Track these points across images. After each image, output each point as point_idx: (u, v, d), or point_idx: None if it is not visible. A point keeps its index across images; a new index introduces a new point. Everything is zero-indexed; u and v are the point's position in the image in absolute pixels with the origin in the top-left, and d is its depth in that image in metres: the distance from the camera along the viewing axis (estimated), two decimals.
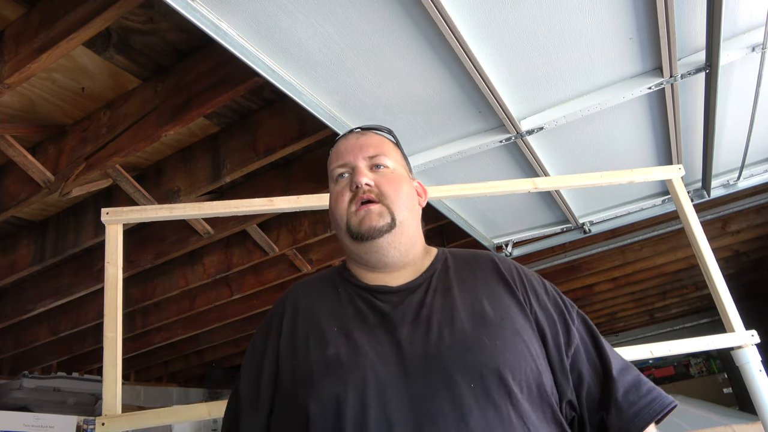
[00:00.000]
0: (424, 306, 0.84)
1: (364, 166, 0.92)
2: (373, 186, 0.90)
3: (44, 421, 3.45)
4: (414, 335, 0.80)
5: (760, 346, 1.54)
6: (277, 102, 2.06)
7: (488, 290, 0.88)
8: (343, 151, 0.96)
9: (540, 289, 0.91)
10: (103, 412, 1.29)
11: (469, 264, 0.94)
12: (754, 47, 1.62)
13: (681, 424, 3.50)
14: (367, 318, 0.85)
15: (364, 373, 0.77)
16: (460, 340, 0.78)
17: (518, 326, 0.82)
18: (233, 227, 2.61)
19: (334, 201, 0.93)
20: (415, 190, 0.98)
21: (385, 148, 0.96)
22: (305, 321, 0.88)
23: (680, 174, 1.81)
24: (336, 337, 0.82)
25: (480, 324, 0.81)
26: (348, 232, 0.89)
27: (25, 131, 2.01)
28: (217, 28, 1.26)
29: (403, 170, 0.98)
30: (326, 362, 0.80)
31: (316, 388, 0.78)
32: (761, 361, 1.51)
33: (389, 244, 0.88)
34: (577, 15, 1.42)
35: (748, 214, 3.79)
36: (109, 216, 1.49)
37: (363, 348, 0.80)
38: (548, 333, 0.84)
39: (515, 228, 2.85)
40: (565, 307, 0.90)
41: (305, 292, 0.95)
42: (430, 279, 0.90)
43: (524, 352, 0.79)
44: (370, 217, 0.87)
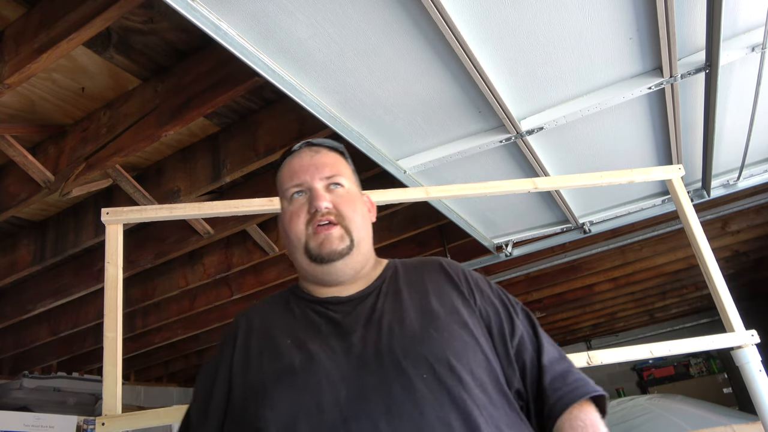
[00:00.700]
0: (376, 310, 0.88)
1: (321, 187, 0.93)
2: (332, 208, 0.91)
3: (44, 421, 3.45)
4: (366, 337, 0.83)
5: (760, 346, 1.54)
6: (277, 102, 2.06)
7: (436, 289, 0.92)
8: (297, 169, 0.96)
9: (485, 287, 0.96)
10: (103, 412, 1.30)
11: (417, 269, 0.98)
12: (754, 47, 1.62)
13: (681, 424, 3.50)
14: (320, 328, 0.87)
15: (318, 379, 0.79)
16: (410, 335, 0.82)
17: (465, 320, 0.87)
18: (233, 227, 2.62)
19: (289, 221, 0.93)
20: (366, 206, 1.00)
21: (340, 167, 0.97)
22: (259, 338, 0.90)
23: (680, 174, 1.81)
24: (289, 349, 0.84)
25: (428, 319, 0.85)
26: (306, 254, 0.91)
27: (25, 131, 2.01)
28: (217, 28, 1.26)
29: (356, 188, 1.00)
30: (280, 372, 0.81)
31: (269, 397, 0.79)
32: (761, 361, 1.51)
33: (346, 265, 0.90)
34: (577, 15, 1.42)
35: (748, 214, 3.79)
36: (109, 216, 1.49)
37: (317, 356, 0.82)
38: (494, 325, 0.89)
39: (515, 228, 2.85)
40: (509, 303, 0.95)
41: (258, 313, 0.96)
42: (381, 286, 0.93)
43: (472, 343, 0.83)
44: (330, 241, 0.89)
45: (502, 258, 3.02)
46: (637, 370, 7.99)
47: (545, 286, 4.52)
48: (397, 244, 3.26)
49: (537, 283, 4.42)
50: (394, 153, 1.96)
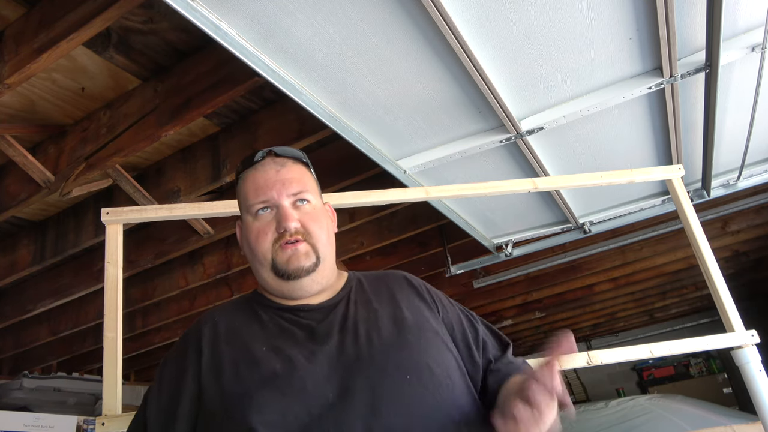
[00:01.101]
0: (348, 317, 0.90)
1: (289, 205, 0.91)
2: (299, 227, 0.90)
3: (44, 421, 3.45)
4: (344, 343, 0.85)
5: (760, 346, 1.54)
6: (277, 102, 2.06)
7: (405, 300, 0.96)
8: (262, 185, 0.93)
9: (444, 299, 1.03)
10: (103, 412, 1.30)
11: (381, 280, 1.02)
12: (754, 47, 1.62)
13: (681, 424, 3.50)
14: (294, 334, 0.87)
15: (303, 383, 0.79)
16: (389, 342, 0.86)
17: (435, 328, 0.92)
18: (233, 227, 2.61)
19: (255, 237, 0.91)
20: (329, 218, 1.00)
21: (305, 181, 0.96)
22: (229, 344, 0.87)
23: (680, 174, 1.81)
24: (266, 356, 0.84)
25: (403, 327, 0.89)
26: (273, 270, 0.90)
27: (25, 131, 2.01)
28: (217, 28, 1.26)
29: (320, 200, 0.99)
30: (261, 378, 0.81)
31: (256, 403, 0.78)
32: (761, 361, 1.51)
33: (312, 281, 0.91)
34: (577, 15, 1.42)
35: (748, 214, 3.79)
36: (109, 216, 1.49)
37: (297, 361, 0.82)
38: (457, 334, 0.96)
39: (515, 228, 2.85)
40: (469, 313, 1.04)
41: (222, 318, 0.93)
42: (348, 295, 0.95)
43: (443, 349, 0.90)
44: (298, 258, 0.89)
45: (502, 258, 3.02)
46: (637, 370, 7.99)
47: (545, 286, 4.51)
48: (397, 244, 3.26)
49: (537, 283, 4.42)
50: (394, 153, 1.96)
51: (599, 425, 3.81)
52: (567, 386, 1.07)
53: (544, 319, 5.81)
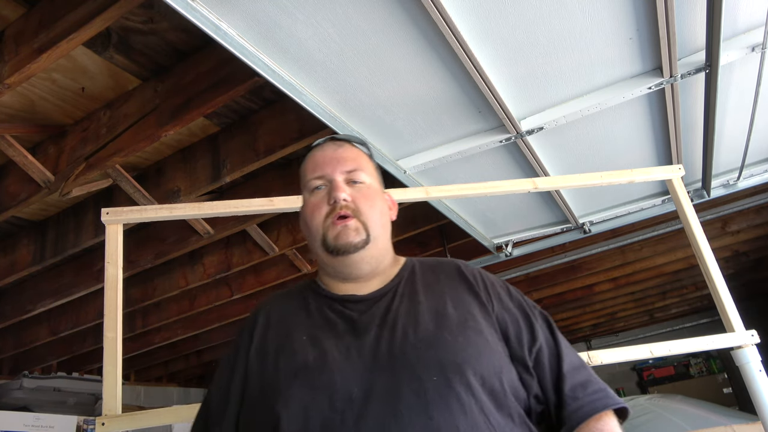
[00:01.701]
0: (390, 311, 0.88)
1: (342, 180, 0.94)
2: (350, 201, 0.92)
3: (44, 421, 3.45)
4: (380, 338, 0.83)
5: (760, 346, 1.54)
6: (277, 102, 2.06)
7: (452, 293, 0.92)
8: (320, 162, 0.97)
9: (503, 292, 0.95)
10: (103, 412, 1.30)
11: (434, 270, 0.98)
12: (754, 47, 1.62)
13: (681, 424, 3.50)
14: (335, 326, 0.88)
15: (331, 376, 0.79)
16: (424, 338, 0.82)
17: (480, 326, 0.86)
18: (233, 227, 2.61)
19: (310, 213, 0.94)
20: (386, 204, 1.01)
21: (362, 162, 0.98)
22: (276, 332, 0.91)
23: (680, 174, 1.81)
24: (304, 346, 0.85)
25: (443, 323, 0.85)
26: (323, 245, 0.91)
27: (25, 131, 2.01)
28: (217, 28, 1.26)
29: (378, 185, 1.00)
30: (294, 369, 0.82)
31: (284, 394, 0.80)
32: (761, 361, 1.51)
33: (362, 259, 0.91)
34: (577, 15, 1.42)
35: (748, 214, 3.79)
36: (109, 216, 1.49)
37: (330, 353, 0.82)
38: (511, 332, 0.89)
39: (515, 228, 2.85)
40: (528, 308, 0.94)
41: (277, 305, 0.97)
42: (397, 286, 0.93)
43: (485, 349, 0.83)
44: (347, 233, 0.89)
45: (502, 258, 3.02)
46: (637, 370, 7.99)
47: (545, 286, 4.51)
48: (397, 244, 3.25)
49: (537, 283, 4.42)
50: (394, 153, 1.96)
51: None
52: None
53: None
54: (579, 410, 0.82)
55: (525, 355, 0.86)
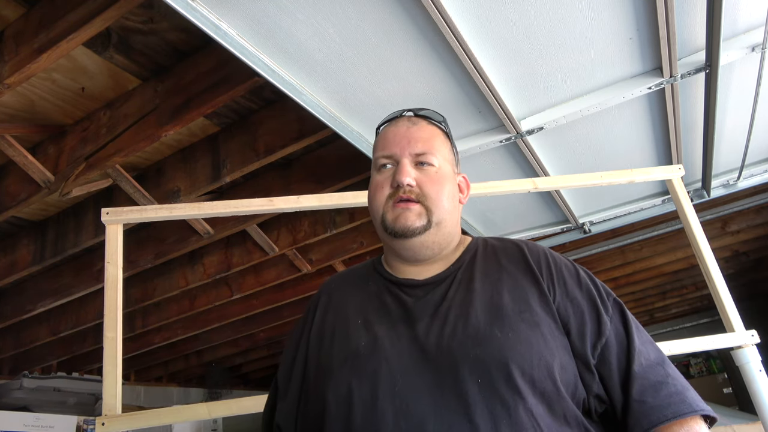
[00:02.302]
0: (445, 299, 0.84)
1: (409, 162, 0.89)
2: (415, 186, 0.87)
3: (44, 421, 3.45)
4: (430, 329, 0.80)
5: (760, 346, 1.54)
6: (277, 102, 2.06)
7: (511, 280, 0.85)
8: (391, 139, 0.92)
9: (570, 278, 0.87)
10: (103, 412, 1.30)
11: (496, 254, 0.92)
12: (754, 47, 1.62)
13: None
14: (390, 312, 0.86)
15: (378, 365, 0.78)
16: (472, 334, 0.77)
17: (537, 318, 0.79)
18: (233, 227, 2.61)
19: (373, 191, 0.91)
20: (458, 186, 0.96)
21: (434, 143, 0.92)
22: (335, 313, 0.91)
23: (680, 174, 1.81)
24: (358, 330, 0.85)
25: (495, 317, 0.79)
26: (383, 226, 0.88)
27: (25, 131, 2.01)
28: (217, 28, 1.26)
29: (450, 166, 0.94)
30: (346, 354, 0.82)
31: (333, 378, 0.80)
32: (761, 361, 1.51)
33: (422, 243, 0.87)
34: (577, 15, 1.42)
35: (748, 214, 3.79)
36: (109, 216, 1.49)
37: (381, 341, 0.81)
38: (573, 325, 0.80)
39: (515, 228, 2.85)
40: (599, 297, 0.85)
41: (339, 285, 0.97)
42: (456, 272, 0.89)
43: (539, 345, 0.76)
44: (406, 216, 0.85)
45: None
46: None
47: None
48: None
49: None
50: None
51: None
52: None
53: None
54: (644, 418, 0.74)
55: (587, 352, 0.79)
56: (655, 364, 0.79)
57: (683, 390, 0.76)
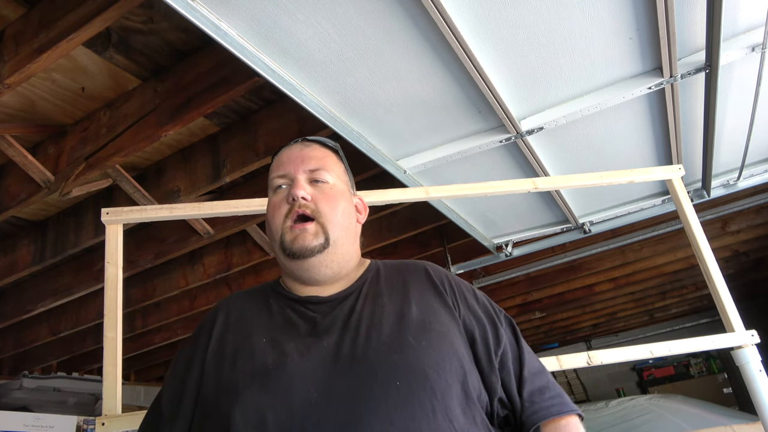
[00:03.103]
0: (354, 312, 0.86)
1: (304, 179, 0.91)
2: (310, 201, 0.89)
3: (44, 421, 3.45)
4: (343, 340, 0.81)
5: (760, 346, 1.54)
6: (277, 102, 2.06)
7: (418, 295, 0.90)
8: (285, 160, 0.95)
9: (469, 294, 0.94)
10: (103, 412, 1.30)
11: (400, 271, 0.96)
12: (754, 47, 1.62)
13: (681, 424, 3.50)
14: (297, 327, 0.85)
15: (291, 379, 0.77)
16: (387, 342, 0.80)
17: (445, 329, 0.85)
18: (233, 227, 2.62)
19: (271, 212, 0.92)
20: (354, 207, 0.98)
21: (328, 162, 0.95)
22: (235, 333, 0.88)
23: (680, 174, 1.81)
24: (264, 348, 0.83)
25: (407, 326, 0.83)
26: (281, 248, 0.89)
27: (25, 131, 2.01)
28: (217, 29, 1.26)
29: (344, 186, 0.97)
30: (252, 372, 0.80)
31: (240, 397, 0.77)
32: (761, 361, 1.51)
33: (321, 263, 0.88)
34: (577, 15, 1.42)
35: (748, 214, 3.79)
36: (109, 216, 1.49)
37: (291, 356, 0.80)
38: (477, 335, 0.88)
39: (515, 228, 2.85)
40: (494, 312, 0.94)
41: (237, 305, 0.94)
42: (361, 288, 0.91)
43: (450, 353, 0.81)
44: (304, 237, 0.87)
45: (502, 258, 3.02)
46: (637, 370, 7.99)
47: (545, 286, 4.51)
48: (397, 244, 3.26)
49: (537, 283, 4.42)
50: (393, 153, 1.96)
51: (599, 425, 3.81)
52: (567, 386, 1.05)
53: (545, 319, 5.81)
54: (533, 415, 0.85)
55: (492, 358, 0.86)
56: (539, 372, 0.91)
57: (561, 394, 0.89)
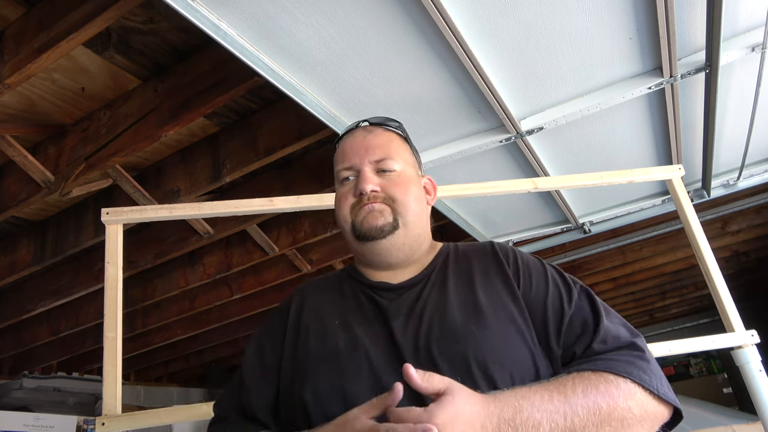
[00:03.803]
0: (420, 300, 0.85)
1: (370, 170, 0.90)
2: (379, 192, 0.88)
3: (44, 421, 3.45)
4: (406, 328, 0.81)
5: (760, 346, 1.54)
6: (277, 102, 2.06)
7: (484, 279, 0.87)
8: (348, 151, 0.93)
9: (537, 274, 0.88)
10: (103, 412, 1.30)
11: (467, 255, 0.94)
12: (754, 47, 1.62)
13: (681, 423, 3.49)
14: (366, 312, 0.86)
15: (360, 363, 0.78)
16: (449, 331, 0.78)
17: (511, 315, 0.81)
18: (233, 227, 2.61)
19: (339, 203, 0.92)
20: (423, 188, 0.97)
21: (393, 148, 0.93)
22: (309, 315, 0.90)
23: (680, 174, 1.81)
24: (335, 330, 0.84)
25: (471, 314, 0.81)
26: (352, 231, 0.89)
27: (25, 131, 2.01)
28: (217, 28, 1.26)
29: (412, 169, 0.95)
30: (324, 353, 0.82)
31: (311, 377, 0.80)
32: (761, 361, 1.51)
33: (392, 245, 0.87)
34: (577, 15, 1.42)
35: (748, 214, 3.79)
36: (109, 216, 1.49)
37: (360, 340, 0.81)
38: (537, 317, 0.82)
39: (515, 228, 2.85)
40: (565, 287, 0.86)
41: (312, 290, 0.96)
42: (430, 275, 0.90)
43: (515, 340, 0.78)
44: (374, 216, 0.87)
45: None
46: None
47: None
48: None
49: None
50: None
51: None
52: None
53: None
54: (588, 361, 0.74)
55: (552, 342, 0.80)
56: (624, 345, 0.78)
57: (650, 367, 0.75)
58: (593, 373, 0.72)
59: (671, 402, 0.74)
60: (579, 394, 0.68)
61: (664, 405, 0.74)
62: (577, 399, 0.68)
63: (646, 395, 0.72)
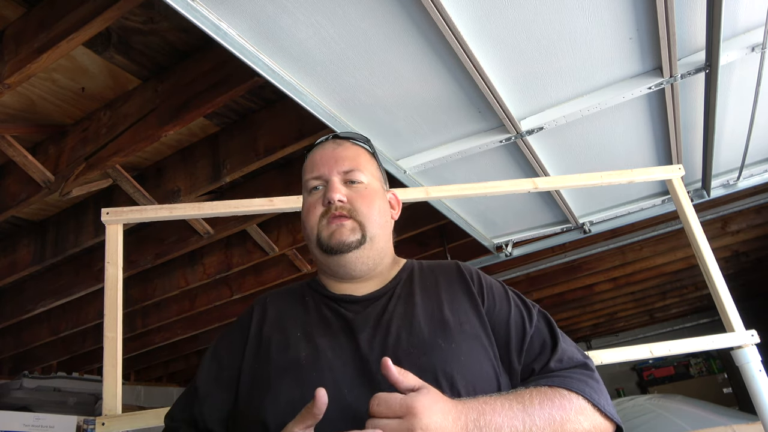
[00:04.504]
0: (386, 312, 0.87)
1: (338, 181, 0.93)
2: (346, 202, 0.90)
3: (44, 421, 3.45)
4: (373, 340, 0.82)
5: (760, 346, 1.54)
6: (277, 102, 2.06)
7: (449, 296, 0.90)
8: (318, 161, 0.96)
9: (499, 295, 0.92)
10: (103, 412, 1.30)
11: (433, 272, 0.96)
12: (754, 47, 1.62)
13: (681, 424, 3.50)
14: (330, 324, 0.87)
15: (322, 374, 0.78)
16: (417, 343, 0.81)
17: (475, 331, 0.85)
18: (233, 227, 2.62)
19: (306, 213, 0.94)
20: (388, 203, 0.99)
21: (361, 161, 0.96)
22: (271, 326, 0.90)
23: (680, 174, 1.81)
24: (298, 342, 0.85)
25: (438, 329, 0.83)
26: (318, 245, 0.91)
27: (25, 131, 2.01)
28: (217, 29, 1.26)
29: (378, 183, 0.98)
30: (285, 365, 0.82)
31: (273, 389, 0.79)
32: (761, 361, 1.51)
33: (357, 258, 0.89)
34: (577, 15, 1.42)
35: (748, 214, 3.80)
36: (109, 216, 1.49)
37: (323, 351, 0.81)
38: (501, 335, 0.86)
39: (515, 228, 2.85)
40: (525, 309, 0.91)
41: (274, 301, 0.96)
42: (395, 288, 0.92)
43: (479, 356, 0.81)
44: (341, 232, 0.88)
45: (502, 258, 3.02)
46: (637, 370, 7.99)
47: (545, 286, 4.52)
48: (397, 244, 3.25)
49: (537, 283, 4.42)
50: (393, 153, 1.96)
51: None
52: None
53: None
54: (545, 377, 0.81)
55: (513, 359, 0.84)
56: (575, 357, 0.86)
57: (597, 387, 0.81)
58: (549, 388, 0.78)
59: (614, 419, 0.80)
60: (536, 405, 0.74)
61: (609, 421, 0.80)
62: (534, 409, 0.73)
63: (594, 411, 0.78)
